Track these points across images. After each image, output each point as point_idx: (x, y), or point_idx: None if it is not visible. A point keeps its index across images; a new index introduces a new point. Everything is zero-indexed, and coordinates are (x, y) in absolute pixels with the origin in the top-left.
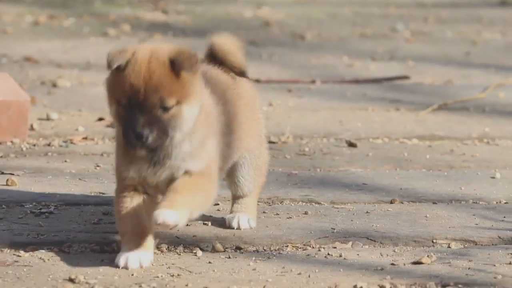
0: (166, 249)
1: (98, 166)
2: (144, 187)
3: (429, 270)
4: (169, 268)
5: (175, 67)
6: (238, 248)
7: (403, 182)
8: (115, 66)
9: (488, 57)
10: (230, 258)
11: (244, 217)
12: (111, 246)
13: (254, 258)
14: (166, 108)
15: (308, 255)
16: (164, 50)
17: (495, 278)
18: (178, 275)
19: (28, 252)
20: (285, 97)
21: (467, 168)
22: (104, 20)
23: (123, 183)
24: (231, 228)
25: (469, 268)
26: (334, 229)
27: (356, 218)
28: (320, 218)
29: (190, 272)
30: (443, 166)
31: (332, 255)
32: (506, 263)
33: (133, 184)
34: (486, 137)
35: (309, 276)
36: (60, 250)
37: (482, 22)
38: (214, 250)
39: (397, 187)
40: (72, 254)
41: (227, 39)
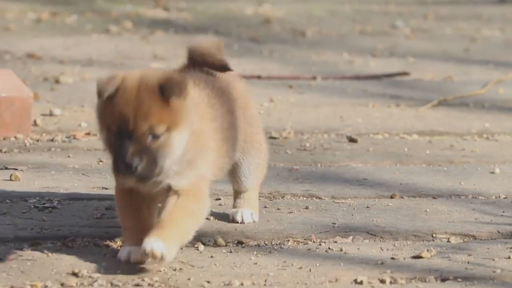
0: None
1: (101, 161)
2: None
3: (428, 264)
4: (171, 262)
5: (164, 93)
6: (240, 242)
7: (403, 177)
8: (106, 95)
9: (488, 53)
10: (231, 252)
11: (247, 211)
12: (114, 241)
13: (255, 253)
14: (156, 136)
15: (309, 249)
16: (153, 76)
17: (494, 272)
18: (180, 269)
19: (32, 246)
20: (286, 93)
21: (466, 163)
22: (106, 17)
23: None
24: (235, 222)
25: (468, 262)
26: (335, 223)
27: (356, 212)
28: (321, 213)
29: (192, 266)
30: (443, 161)
31: (332, 250)
32: (505, 257)
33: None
34: (485, 132)
35: (310, 270)
36: (63, 244)
37: (482, 19)
38: (216, 245)
39: (397, 182)
40: (76, 249)
41: (202, 42)
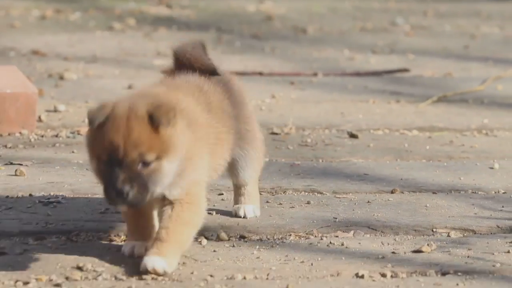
0: None
1: None
2: None
3: (429, 258)
4: None
5: (153, 123)
6: (242, 237)
7: (403, 172)
8: (97, 124)
9: (487, 50)
10: (234, 246)
11: (249, 206)
12: (118, 235)
13: (258, 247)
14: (146, 163)
15: (310, 243)
16: (142, 104)
17: (493, 266)
18: (184, 263)
19: (37, 240)
20: (287, 89)
21: (466, 158)
22: (109, 14)
23: None
24: (238, 217)
25: (468, 257)
26: (336, 218)
27: (357, 207)
28: (322, 208)
29: (195, 260)
30: (443, 156)
31: (334, 244)
32: (505, 252)
33: None
34: (484, 128)
35: (311, 264)
36: (68, 239)
37: (481, 16)
38: (219, 239)
39: (397, 177)
40: (80, 243)
41: (186, 46)
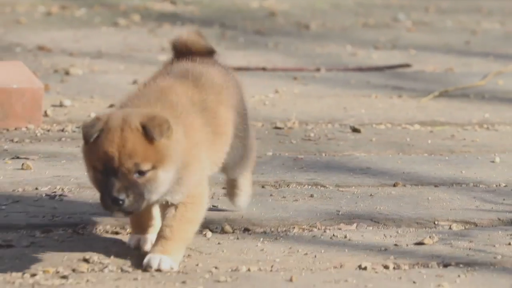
0: None
1: None
2: None
3: (431, 251)
4: None
5: (147, 134)
6: (247, 229)
7: (405, 166)
8: (92, 139)
9: (488, 45)
10: (238, 239)
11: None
12: (123, 228)
13: (262, 239)
14: (142, 172)
15: (314, 236)
16: (136, 116)
17: (495, 258)
18: (189, 255)
19: (44, 233)
20: (290, 84)
21: (467, 152)
22: (114, 10)
23: None
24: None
25: (469, 249)
26: (339, 211)
27: (360, 200)
28: (326, 201)
29: (200, 252)
30: (444, 150)
31: (337, 236)
32: (506, 244)
33: None
34: (486, 122)
35: (315, 257)
36: (74, 231)
37: (482, 12)
38: (223, 232)
39: (400, 171)
40: (86, 236)
41: (183, 34)
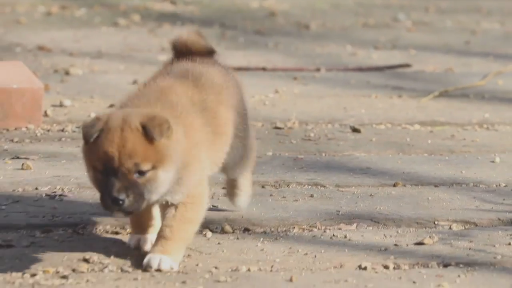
0: None
1: None
2: None
3: (431, 251)
4: None
5: (147, 135)
6: (247, 229)
7: (405, 166)
8: (92, 139)
9: (487, 46)
10: (238, 239)
11: (241, 199)
12: (123, 228)
13: (262, 239)
14: (142, 172)
15: (314, 236)
16: (136, 116)
17: (494, 258)
18: (189, 255)
19: (44, 233)
20: (290, 84)
21: (467, 152)
22: (114, 10)
23: None
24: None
25: (469, 249)
26: (339, 211)
27: (360, 200)
28: (326, 201)
29: (200, 252)
30: (444, 150)
31: (337, 236)
32: (506, 244)
33: None
34: (485, 122)
35: (315, 256)
36: (74, 231)
37: (481, 12)
38: (223, 232)
39: (399, 171)
40: (86, 236)
41: (183, 34)
